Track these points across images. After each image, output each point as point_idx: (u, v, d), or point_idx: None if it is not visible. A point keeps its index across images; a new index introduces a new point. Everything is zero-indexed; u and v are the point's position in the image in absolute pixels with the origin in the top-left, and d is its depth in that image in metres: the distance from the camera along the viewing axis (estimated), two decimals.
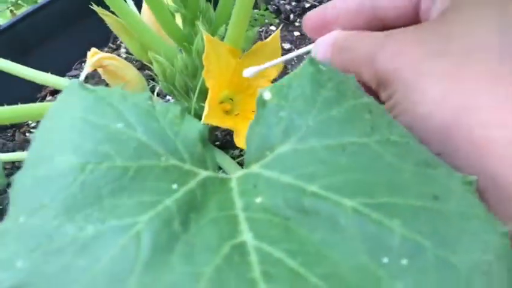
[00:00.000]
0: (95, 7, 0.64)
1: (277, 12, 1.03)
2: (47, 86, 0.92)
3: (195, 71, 0.62)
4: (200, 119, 0.51)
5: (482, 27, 0.28)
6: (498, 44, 0.27)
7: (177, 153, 0.27)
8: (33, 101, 0.92)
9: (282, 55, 0.51)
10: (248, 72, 0.43)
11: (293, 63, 0.92)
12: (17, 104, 0.86)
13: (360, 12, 0.35)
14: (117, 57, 0.64)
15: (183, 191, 0.25)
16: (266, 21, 0.93)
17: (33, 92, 0.93)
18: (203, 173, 0.27)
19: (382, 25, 0.35)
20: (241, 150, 0.65)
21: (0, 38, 0.89)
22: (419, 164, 0.24)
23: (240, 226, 0.23)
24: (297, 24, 1.01)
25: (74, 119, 0.27)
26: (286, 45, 0.96)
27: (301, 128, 0.27)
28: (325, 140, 0.26)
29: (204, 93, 0.60)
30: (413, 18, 0.34)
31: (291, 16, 1.02)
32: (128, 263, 0.21)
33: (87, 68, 0.61)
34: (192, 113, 0.61)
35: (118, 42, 1.03)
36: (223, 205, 0.25)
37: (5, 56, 0.66)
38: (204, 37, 0.50)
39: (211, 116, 0.50)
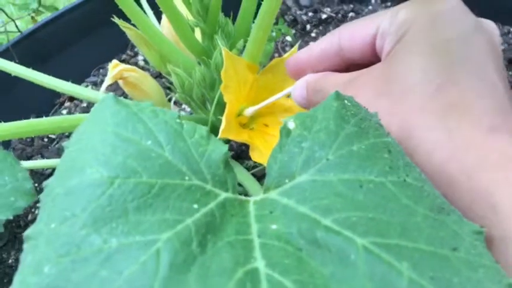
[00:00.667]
0: (116, 19, 0.65)
1: (294, 22, 1.03)
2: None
3: (212, 83, 0.63)
4: (216, 130, 0.52)
5: (413, 72, 0.32)
6: (427, 84, 0.31)
7: (200, 173, 0.28)
8: (53, 106, 0.95)
9: None
10: (248, 111, 0.50)
11: None
12: (36, 109, 0.90)
13: (327, 56, 0.40)
14: (136, 68, 0.66)
15: (203, 212, 0.27)
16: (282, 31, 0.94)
17: (52, 98, 0.95)
18: (223, 194, 0.28)
19: (348, 64, 0.40)
20: (254, 161, 0.66)
21: (22, 44, 0.91)
22: (433, 209, 0.25)
23: (254, 252, 0.24)
24: (313, 34, 1.01)
25: (106, 132, 0.28)
26: None
27: (321, 160, 0.28)
28: (344, 175, 0.27)
29: (221, 106, 0.61)
30: (373, 56, 0.38)
31: (308, 27, 1.02)
32: (147, 280, 0.23)
33: (108, 80, 0.63)
34: (209, 124, 0.62)
35: (135, 49, 1.04)
36: (240, 229, 0.26)
37: (25, 61, 0.68)
38: (223, 52, 0.51)
39: (228, 131, 0.51)
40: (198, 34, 0.64)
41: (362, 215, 0.25)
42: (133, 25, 0.62)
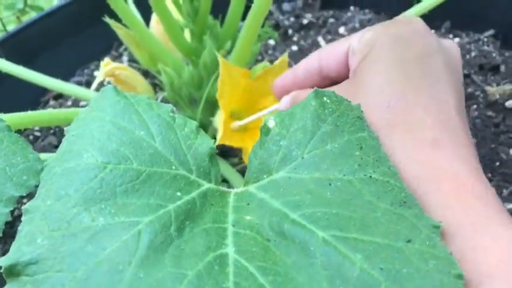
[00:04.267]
0: (107, 19, 0.68)
1: (276, 27, 1.05)
2: (50, 91, 0.95)
3: (200, 82, 0.66)
4: (203, 127, 0.54)
5: (371, 88, 0.35)
6: (380, 100, 0.33)
7: (186, 164, 0.31)
8: (37, 104, 0.97)
9: None
10: (234, 125, 0.54)
11: None
12: (21, 107, 0.91)
13: (310, 75, 0.44)
14: (127, 67, 0.69)
15: (185, 200, 0.29)
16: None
17: (36, 97, 0.97)
18: (206, 185, 0.31)
19: (328, 82, 0.43)
20: (240, 158, 0.68)
21: (8, 43, 0.93)
22: (394, 203, 0.27)
23: (226, 239, 0.27)
24: (294, 39, 1.03)
25: (103, 120, 0.31)
26: None
27: (296, 158, 0.30)
28: (315, 173, 0.29)
29: (208, 104, 0.64)
30: (347, 73, 0.41)
31: (289, 31, 1.05)
32: (127, 256, 0.25)
33: (99, 77, 0.66)
34: (198, 122, 0.65)
35: (120, 50, 1.06)
36: (217, 217, 0.29)
37: (11, 60, 0.69)
38: (220, 62, 0.53)
39: (225, 137, 0.54)
40: (186, 35, 0.67)
41: (327, 211, 0.27)
42: (124, 25, 0.65)
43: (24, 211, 0.28)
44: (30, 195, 0.31)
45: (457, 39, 0.93)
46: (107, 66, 0.64)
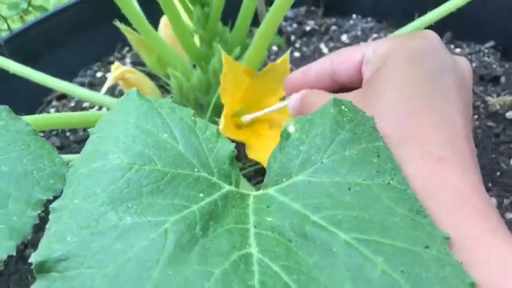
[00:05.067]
0: (118, 24, 0.69)
1: (279, 33, 1.07)
2: (53, 91, 0.96)
3: (208, 87, 0.67)
4: None
5: (383, 101, 0.36)
6: (391, 114, 0.34)
7: (208, 166, 0.32)
8: (40, 104, 0.98)
9: None
10: (246, 118, 0.56)
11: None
12: (23, 106, 0.91)
13: (321, 77, 0.45)
14: (136, 71, 0.70)
15: (208, 201, 0.30)
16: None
17: (40, 97, 0.98)
18: (227, 187, 0.32)
19: (339, 86, 0.44)
20: (244, 163, 0.70)
21: (11, 43, 0.93)
22: (412, 210, 0.28)
23: (249, 240, 0.28)
24: (297, 45, 1.05)
25: (128, 123, 0.32)
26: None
27: (316, 163, 0.31)
28: (335, 177, 0.30)
29: (216, 109, 0.65)
30: (359, 80, 0.42)
31: (292, 37, 1.07)
32: (155, 254, 0.26)
33: (110, 80, 0.67)
34: None
35: (123, 52, 1.07)
36: (238, 218, 0.30)
37: (14, 60, 0.70)
38: (223, 58, 0.55)
39: (226, 129, 0.55)
40: (196, 40, 0.68)
41: (347, 214, 0.28)
42: (134, 29, 0.66)
43: (51, 210, 0.29)
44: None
45: (458, 50, 0.95)
46: (117, 69, 0.65)
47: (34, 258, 0.26)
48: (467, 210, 0.30)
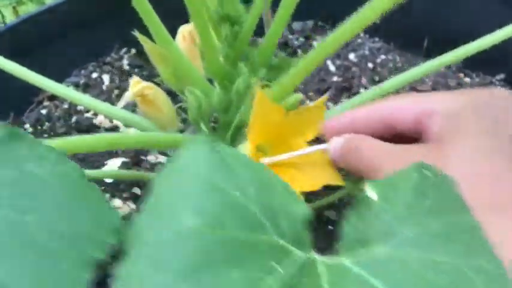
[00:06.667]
0: (137, 34, 0.65)
1: (285, 45, 1.05)
2: (45, 91, 0.89)
3: (228, 107, 0.64)
4: None
5: (461, 159, 0.34)
6: (471, 177, 0.33)
7: (281, 230, 0.29)
8: (30, 104, 0.92)
9: None
10: (265, 160, 0.53)
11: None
12: (12, 107, 0.86)
13: (372, 122, 0.43)
14: (154, 86, 0.66)
15: (284, 272, 0.28)
16: None
17: (30, 96, 0.92)
18: (301, 255, 0.29)
19: (389, 134, 0.42)
20: None
21: (3, 37, 0.88)
22: None
23: None
24: None
25: (198, 179, 0.29)
26: None
27: (397, 235, 0.29)
28: (420, 253, 0.28)
29: (234, 130, 0.63)
30: (415, 131, 0.40)
31: (298, 51, 1.04)
32: None
33: (128, 97, 0.63)
34: None
35: (121, 53, 1.02)
36: None
37: (5, 56, 0.66)
38: (257, 97, 0.52)
39: None
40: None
41: None
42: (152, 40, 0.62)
43: (116, 277, 0.26)
44: None
45: (467, 79, 0.95)
46: (136, 85, 0.62)
47: None
48: None
